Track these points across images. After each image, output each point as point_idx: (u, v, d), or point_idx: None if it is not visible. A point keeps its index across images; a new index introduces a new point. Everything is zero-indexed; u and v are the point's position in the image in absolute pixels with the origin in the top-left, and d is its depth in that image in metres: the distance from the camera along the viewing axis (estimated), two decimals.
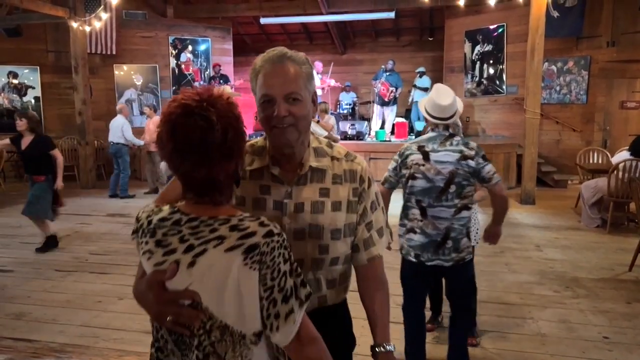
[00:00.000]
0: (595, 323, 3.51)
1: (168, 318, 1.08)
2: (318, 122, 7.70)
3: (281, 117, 1.27)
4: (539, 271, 4.61)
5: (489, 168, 2.54)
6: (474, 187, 2.63)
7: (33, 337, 3.31)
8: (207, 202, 1.12)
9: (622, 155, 6.12)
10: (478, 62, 10.72)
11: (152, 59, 11.43)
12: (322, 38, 13.48)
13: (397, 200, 2.67)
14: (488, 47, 10.48)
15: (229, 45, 12.29)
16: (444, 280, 2.95)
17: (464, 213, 2.56)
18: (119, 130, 8.35)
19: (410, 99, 11.13)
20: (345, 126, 9.74)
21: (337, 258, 1.40)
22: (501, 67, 10.23)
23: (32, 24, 9.93)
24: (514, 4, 8.79)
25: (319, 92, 11.25)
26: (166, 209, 1.16)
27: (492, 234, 2.83)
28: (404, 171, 2.61)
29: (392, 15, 10.87)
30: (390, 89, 10.54)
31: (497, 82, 10.37)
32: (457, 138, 2.59)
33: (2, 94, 10.68)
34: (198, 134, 1.05)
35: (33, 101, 10.98)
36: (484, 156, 2.55)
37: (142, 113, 11.59)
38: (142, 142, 8.72)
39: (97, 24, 8.69)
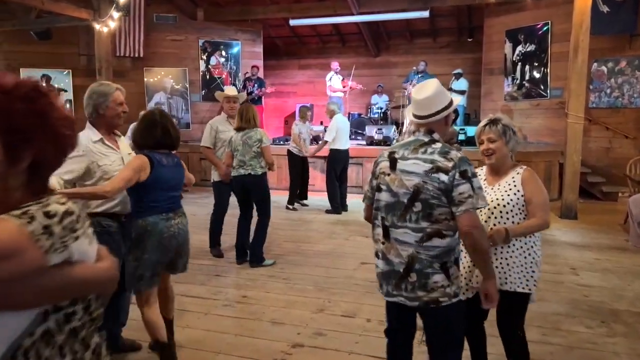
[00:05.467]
0: None
1: None
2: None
3: None
4: (571, 300, 3.94)
5: (463, 189, 1.90)
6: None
7: None
8: None
9: None
10: (519, 64, 9.94)
11: (181, 62, 11.36)
12: (354, 40, 13.02)
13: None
14: (530, 47, 9.69)
15: (259, 49, 12.08)
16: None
17: (436, 241, 1.96)
18: None
19: None
20: (372, 131, 9.22)
21: None
22: (545, 68, 9.42)
23: (65, 29, 10.04)
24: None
25: (339, 94, 11.15)
26: None
27: (485, 295, 2.11)
28: (374, 182, 2.16)
29: (426, 14, 10.30)
30: None
31: (541, 85, 9.57)
32: (437, 145, 2.01)
33: None
34: None
35: (68, 105, 11.11)
36: (466, 172, 1.92)
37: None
38: None
39: (112, 24, 8.59)
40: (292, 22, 11.33)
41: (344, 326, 3.46)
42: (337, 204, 7.25)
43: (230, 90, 5.09)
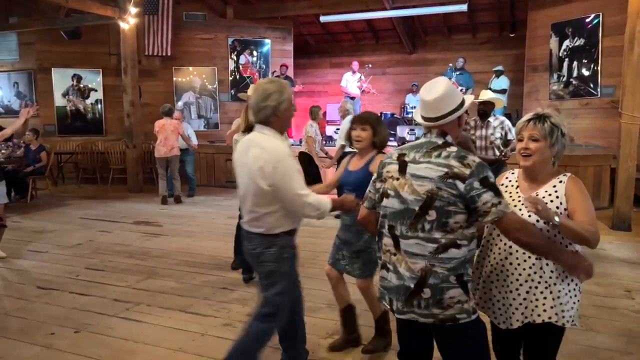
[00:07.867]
0: None
1: None
2: None
3: None
4: (627, 331, 3.36)
5: (487, 197, 1.74)
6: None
7: None
8: None
9: None
10: (566, 60, 9.18)
11: (211, 61, 11.18)
12: (389, 37, 12.51)
13: None
14: (579, 42, 8.93)
15: (289, 47, 11.75)
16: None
17: (453, 252, 1.80)
18: None
19: None
20: (404, 131, 8.72)
21: None
22: (595, 65, 8.65)
23: (96, 28, 10.01)
24: None
25: (356, 90, 10.72)
26: None
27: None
28: (379, 185, 2.02)
29: (464, 8, 9.70)
30: (460, 89, 9.35)
31: (590, 83, 8.80)
32: (453, 149, 1.84)
33: (68, 96, 10.89)
34: None
35: (99, 106, 11.12)
36: (485, 180, 1.76)
37: (199, 117, 11.37)
38: None
39: (132, 20, 8.41)
40: (323, 19, 10.95)
41: (355, 355, 3.02)
42: None
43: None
